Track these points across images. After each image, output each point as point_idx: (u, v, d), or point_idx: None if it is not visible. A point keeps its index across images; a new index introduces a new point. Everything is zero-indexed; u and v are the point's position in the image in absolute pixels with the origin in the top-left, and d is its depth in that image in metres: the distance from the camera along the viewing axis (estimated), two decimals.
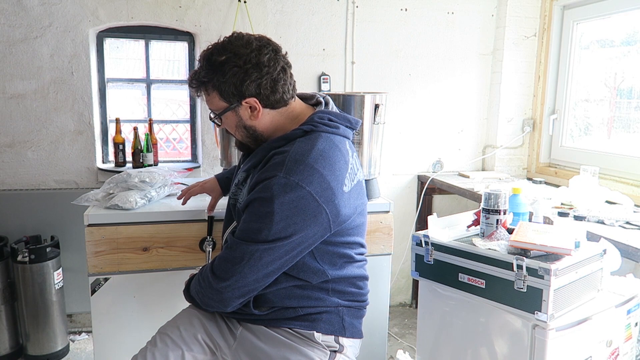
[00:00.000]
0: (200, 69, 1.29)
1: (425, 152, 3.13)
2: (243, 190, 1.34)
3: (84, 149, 2.68)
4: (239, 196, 1.35)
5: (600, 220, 1.95)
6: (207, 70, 1.27)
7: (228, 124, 1.34)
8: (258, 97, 1.26)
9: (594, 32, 2.77)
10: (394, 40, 2.96)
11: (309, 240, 1.22)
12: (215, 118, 1.34)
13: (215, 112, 1.33)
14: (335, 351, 1.35)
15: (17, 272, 2.41)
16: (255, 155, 1.33)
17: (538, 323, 1.31)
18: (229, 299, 1.25)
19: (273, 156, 1.25)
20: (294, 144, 1.24)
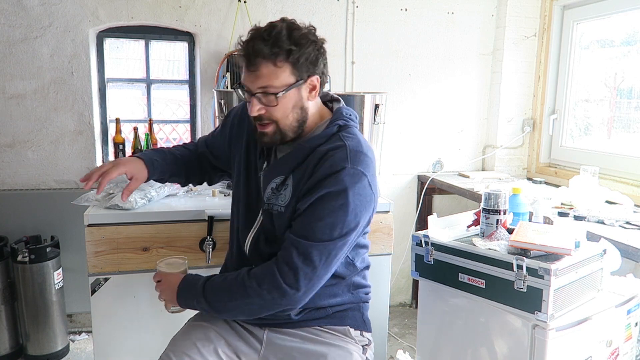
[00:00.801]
0: (278, 38, 1.17)
1: (425, 152, 3.13)
2: (283, 192, 1.28)
3: (84, 149, 2.68)
4: (278, 200, 1.28)
5: (600, 220, 1.95)
6: (288, 40, 1.18)
7: (285, 104, 1.22)
8: (321, 77, 1.26)
9: (594, 32, 2.77)
10: (394, 40, 2.96)
11: (362, 229, 1.27)
12: (279, 94, 1.20)
13: (276, 88, 1.20)
14: (364, 345, 1.41)
15: (17, 272, 2.41)
16: (293, 156, 1.28)
17: (538, 323, 1.31)
18: (301, 303, 1.24)
19: (327, 152, 1.23)
20: (343, 138, 1.26)
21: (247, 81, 1.22)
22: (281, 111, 1.23)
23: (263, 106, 1.22)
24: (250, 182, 1.39)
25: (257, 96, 1.21)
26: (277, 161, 1.31)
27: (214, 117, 2.62)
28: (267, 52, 1.17)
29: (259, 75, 1.19)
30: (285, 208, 1.27)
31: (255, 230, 1.36)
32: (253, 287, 1.22)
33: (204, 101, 2.79)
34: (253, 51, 1.18)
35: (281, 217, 1.28)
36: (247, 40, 1.20)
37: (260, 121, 1.25)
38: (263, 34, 1.18)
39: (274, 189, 1.30)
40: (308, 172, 1.24)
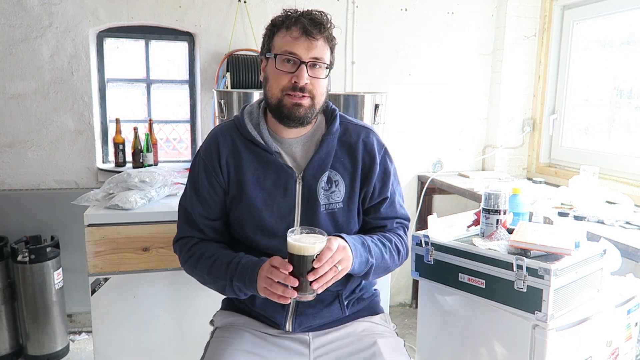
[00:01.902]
0: (328, 21, 1.25)
1: (425, 152, 3.13)
2: (336, 189, 1.31)
3: (84, 149, 2.68)
4: (333, 198, 1.30)
5: (600, 220, 1.95)
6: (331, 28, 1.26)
7: (325, 82, 1.28)
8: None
9: (594, 32, 2.77)
10: (394, 40, 2.96)
11: None
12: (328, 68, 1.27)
13: (325, 63, 1.25)
14: (395, 330, 1.45)
15: (17, 272, 2.41)
16: (326, 151, 1.30)
17: (538, 323, 1.31)
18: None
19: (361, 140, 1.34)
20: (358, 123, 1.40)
21: (298, 49, 1.21)
22: (321, 87, 1.26)
23: (310, 77, 1.23)
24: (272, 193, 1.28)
25: (308, 65, 1.22)
26: (315, 160, 1.30)
27: (214, 117, 2.62)
28: (325, 25, 1.23)
29: (316, 45, 1.22)
30: (344, 202, 1.31)
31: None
32: (402, 254, 1.37)
33: (204, 101, 2.79)
34: (316, 19, 1.22)
35: (343, 212, 1.32)
36: (306, 10, 1.24)
37: (299, 91, 1.23)
38: (317, 14, 1.23)
39: (324, 187, 1.30)
40: (352, 161, 1.32)
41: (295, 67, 1.22)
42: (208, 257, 1.30)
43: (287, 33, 1.23)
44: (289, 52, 1.21)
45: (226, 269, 1.25)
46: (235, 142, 1.31)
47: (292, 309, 1.31)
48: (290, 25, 1.22)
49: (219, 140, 1.32)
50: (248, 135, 1.30)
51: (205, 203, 1.33)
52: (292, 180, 1.28)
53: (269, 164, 1.29)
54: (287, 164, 1.29)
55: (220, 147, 1.31)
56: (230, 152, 1.31)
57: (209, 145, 1.33)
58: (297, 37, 1.21)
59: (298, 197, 1.29)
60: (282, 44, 1.23)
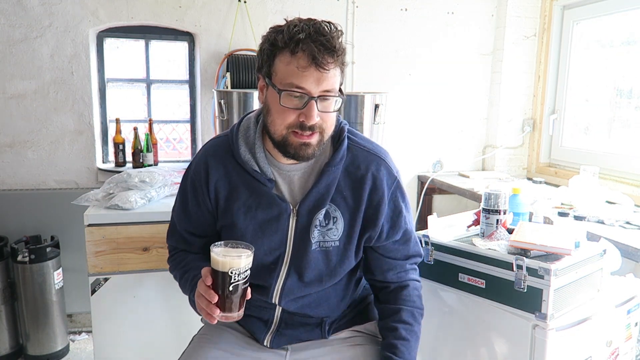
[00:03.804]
0: (339, 36, 1.06)
1: (425, 152, 3.13)
2: (333, 226, 1.17)
3: (84, 149, 2.68)
4: (329, 235, 1.18)
5: (600, 220, 1.95)
6: (343, 44, 1.07)
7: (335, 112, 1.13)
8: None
9: (594, 32, 2.77)
10: (394, 40, 2.96)
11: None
12: (340, 98, 1.10)
13: (336, 92, 1.08)
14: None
15: (17, 272, 2.41)
16: (326, 184, 1.15)
17: (538, 323, 1.31)
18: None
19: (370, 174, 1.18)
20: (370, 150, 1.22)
21: (307, 82, 1.03)
22: (332, 119, 1.11)
23: (319, 112, 1.06)
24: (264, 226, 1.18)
25: (317, 100, 1.05)
26: (314, 193, 1.15)
27: (214, 117, 2.62)
28: (339, 47, 1.04)
29: (327, 77, 1.04)
30: (340, 241, 1.18)
31: (285, 274, 1.20)
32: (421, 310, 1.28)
33: (204, 101, 2.79)
34: (327, 43, 1.02)
35: (338, 251, 1.19)
36: (313, 28, 1.03)
37: (307, 130, 1.06)
38: (325, 28, 1.04)
39: (321, 223, 1.16)
40: (355, 198, 1.17)
41: (302, 103, 1.04)
42: (182, 267, 1.26)
43: (291, 59, 1.03)
44: (296, 86, 1.03)
45: (190, 281, 1.19)
46: (227, 167, 1.18)
47: (273, 328, 1.27)
48: (296, 50, 1.03)
49: (209, 162, 1.19)
50: (240, 160, 1.16)
51: (192, 219, 1.24)
52: (286, 214, 1.16)
53: (261, 194, 1.16)
54: (281, 196, 1.16)
55: (211, 170, 1.19)
56: (221, 177, 1.18)
57: (200, 164, 1.21)
58: (304, 66, 1.02)
59: (291, 232, 1.17)
60: (287, 74, 1.04)
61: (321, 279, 1.20)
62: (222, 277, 0.99)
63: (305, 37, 1.02)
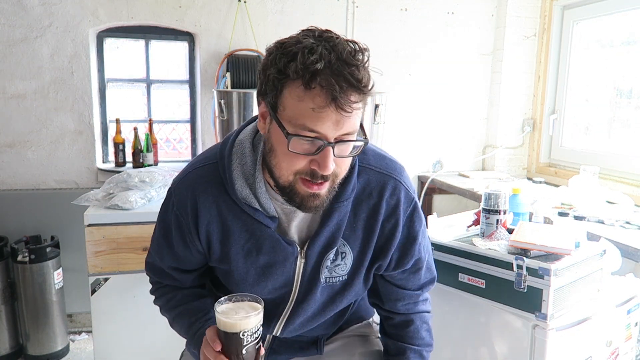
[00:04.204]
0: (366, 67, 0.88)
1: (425, 152, 3.13)
2: (342, 262, 1.05)
3: (84, 149, 2.68)
4: (336, 271, 1.06)
5: (600, 220, 1.95)
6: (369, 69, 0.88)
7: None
8: None
9: (594, 32, 2.77)
10: (394, 40, 2.96)
11: None
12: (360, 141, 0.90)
13: (355, 134, 0.89)
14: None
15: (17, 272, 2.41)
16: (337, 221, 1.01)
17: (538, 323, 1.31)
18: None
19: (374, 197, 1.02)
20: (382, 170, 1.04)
21: (323, 126, 0.82)
22: (347, 163, 0.93)
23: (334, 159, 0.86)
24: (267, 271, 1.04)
25: (335, 145, 0.85)
26: (324, 233, 1.01)
27: (214, 117, 2.62)
28: (366, 81, 0.84)
29: (350, 118, 0.84)
30: (349, 275, 1.07)
31: (289, 312, 1.10)
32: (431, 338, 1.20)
33: (204, 101, 2.79)
34: (353, 76, 0.82)
35: (344, 285, 1.08)
36: (334, 54, 0.81)
37: (318, 179, 0.88)
38: (351, 55, 0.84)
39: (330, 261, 1.04)
40: (367, 229, 1.03)
41: (315, 148, 0.84)
42: (173, 307, 1.11)
43: (305, 95, 0.81)
44: (310, 129, 0.82)
45: (187, 329, 1.07)
46: (220, 205, 0.98)
47: (266, 347, 1.16)
48: (312, 84, 0.80)
49: (198, 200, 0.98)
50: (236, 198, 0.97)
51: (179, 258, 1.07)
52: (292, 257, 1.02)
53: (263, 237, 1.00)
54: (287, 238, 1.01)
55: (200, 210, 0.98)
56: (213, 218, 0.99)
57: (185, 201, 0.99)
58: (322, 106, 0.81)
59: (298, 274, 1.04)
60: (298, 113, 0.82)
61: (324, 311, 1.12)
62: (232, 340, 0.87)
63: (324, 67, 0.80)
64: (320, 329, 1.20)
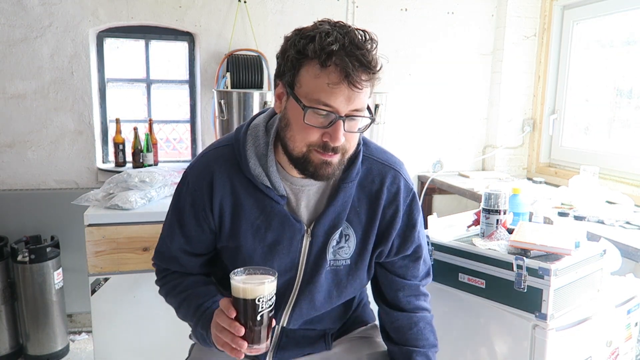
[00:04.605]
0: (376, 49, 0.97)
1: (425, 152, 3.13)
2: (345, 244, 1.10)
3: (84, 149, 2.68)
4: (341, 254, 1.11)
5: (600, 220, 1.95)
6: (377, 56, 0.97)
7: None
8: None
9: (594, 32, 2.77)
10: (394, 40, 2.96)
11: None
12: (371, 117, 1.00)
13: (365, 111, 0.98)
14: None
15: (17, 272, 2.41)
16: (342, 202, 1.08)
17: (538, 323, 1.31)
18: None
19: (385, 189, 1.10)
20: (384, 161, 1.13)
21: (337, 100, 0.92)
22: (355, 140, 1.02)
23: (345, 133, 0.95)
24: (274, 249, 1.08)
25: (345, 119, 0.94)
26: (330, 212, 1.07)
27: (214, 117, 2.62)
28: (375, 63, 0.94)
29: (360, 95, 0.93)
30: (351, 259, 1.12)
31: (295, 299, 1.13)
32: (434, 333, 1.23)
33: (204, 101, 2.79)
34: (364, 57, 0.91)
35: (348, 270, 1.13)
36: (348, 39, 0.91)
37: (330, 151, 0.97)
38: (361, 39, 0.93)
39: (335, 242, 1.09)
40: (369, 214, 1.10)
41: (328, 121, 0.94)
42: (180, 292, 1.13)
43: (321, 73, 0.91)
44: (324, 103, 0.92)
45: (195, 311, 1.08)
46: (233, 182, 1.06)
47: (274, 343, 1.18)
48: (327, 63, 0.91)
49: (214, 176, 1.06)
50: (250, 174, 1.05)
51: (190, 238, 1.12)
52: (299, 235, 1.07)
53: (272, 214, 1.06)
54: (295, 215, 1.07)
55: (215, 186, 1.06)
56: (227, 193, 1.06)
57: (201, 177, 1.07)
58: (335, 82, 0.91)
59: (304, 254, 1.09)
60: (315, 88, 0.92)
61: (331, 299, 1.15)
62: (248, 306, 0.91)
63: (339, 48, 0.90)
64: (327, 322, 1.22)
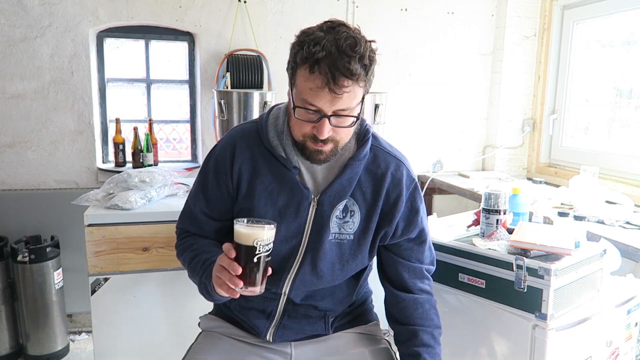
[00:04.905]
0: (364, 55, 1.04)
1: (425, 152, 3.13)
2: (350, 219, 1.20)
3: (84, 149, 2.68)
4: (345, 228, 1.20)
5: (600, 220, 1.95)
6: (369, 57, 1.06)
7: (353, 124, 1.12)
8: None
9: (594, 32, 2.77)
10: (394, 40, 2.96)
11: None
12: (356, 116, 1.09)
13: (352, 110, 1.08)
14: (386, 337, 1.39)
15: (17, 272, 2.41)
16: (348, 178, 1.18)
17: (538, 323, 1.31)
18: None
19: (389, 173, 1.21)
20: (389, 152, 1.24)
21: (320, 101, 1.04)
22: (346, 133, 1.12)
23: (333, 127, 1.08)
24: (283, 212, 1.19)
25: (331, 118, 1.06)
26: (336, 185, 1.18)
27: (214, 117, 2.62)
28: (357, 71, 1.02)
29: (341, 98, 1.04)
30: (355, 235, 1.21)
31: (298, 264, 1.21)
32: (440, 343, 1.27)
33: (204, 101, 2.79)
34: (345, 67, 1.00)
35: (351, 245, 1.22)
36: (334, 47, 1.01)
37: (320, 142, 1.10)
38: (349, 48, 1.01)
39: (339, 216, 1.20)
40: (374, 194, 1.20)
41: (317, 117, 1.06)
42: (192, 250, 1.24)
43: (309, 77, 1.03)
44: (310, 103, 1.05)
45: (202, 264, 1.17)
46: (253, 151, 1.20)
47: (275, 320, 1.26)
48: (313, 69, 1.02)
49: (236, 144, 1.21)
50: (269, 145, 1.18)
51: (210, 202, 1.25)
52: (307, 202, 1.18)
53: (285, 180, 1.18)
54: (304, 184, 1.18)
55: (237, 152, 1.20)
56: (247, 160, 1.20)
57: (226, 146, 1.23)
58: (319, 87, 1.02)
59: (309, 220, 1.19)
60: (303, 90, 1.06)
61: (333, 272, 1.22)
62: (246, 249, 1.00)
63: (324, 56, 1.01)
64: (328, 302, 1.27)
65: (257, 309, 1.27)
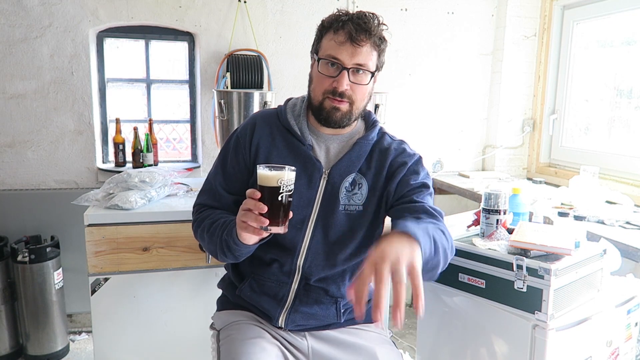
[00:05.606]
0: (379, 25, 1.26)
1: (425, 152, 3.12)
2: (358, 192, 1.32)
3: (84, 149, 2.68)
4: (354, 200, 1.32)
5: (600, 220, 1.95)
6: (381, 31, 1.27)
7: (367, 87, 1.28)
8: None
9: (594, 32, 2.77)
10: (394, 40, 2.96)
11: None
12: (374, 74, 1.27)
13: (369, 69, 1.25)
14: (391, 338, 1.45)
15: (17, 272, 2.41)
16: (357, 154, 1.32)
17: (538, 323, 1.31)
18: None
19: (393, 148, 1.37)
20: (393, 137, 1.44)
21: (342, 54, 1.21)
22: (362, 93, 1.27)
23: (350, 83, 1.24)
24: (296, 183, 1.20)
25: (350, 71, 1.23)
26: (345, 159, 1.31)
27: (214, 117, 2.62)
28: (372, 32, 1.22)
29: (360, 52, 1.22)
30: (363, 206, 1.32)
31: (311, 233, 1.31)
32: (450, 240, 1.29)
33: (204, 101, 2.79)
34: (363, 25, 1.21)
35: (360, 216, 1.32)
36: (356, 14, 1.23)
37: (338, 97, 1.24)
38: (367, 18, 1.23)
39: (347, 188, 1.31)
40: (379, 165, 1.33)
41: (337, 72, 1.23)
42: (211, 218, 1.30)
43: (333, 36, 1.23)
44: (332, 56, 1.22)
45: (222, 225, 1.23)
46: (272, 128, 1.34)
47: (287, 304, 1.31)
48: (338, 29, 1.23)
49: (257, 122, 1.35)
50: (286, 123, 1.32)
51: (228, 176, 1.35)
52: (318, 173, 1.30)
53: (299, 154, 1.31)
54: (316, 157, 1.31)
55: (257, 128, 1.34)
56: (265, 135, 1.33)
57: (247, 125, 1.37)
58: (342, 42, 1.21)
59: (320, 191, 1.30)
60: (327, 47, 1.24)
61: (344, 240, 1.30)
62: (270, 190, 1.07)
63: (347, 19, 1.22)
64: (338, 288, 1.33)
65: (269, 294, 1.32)
